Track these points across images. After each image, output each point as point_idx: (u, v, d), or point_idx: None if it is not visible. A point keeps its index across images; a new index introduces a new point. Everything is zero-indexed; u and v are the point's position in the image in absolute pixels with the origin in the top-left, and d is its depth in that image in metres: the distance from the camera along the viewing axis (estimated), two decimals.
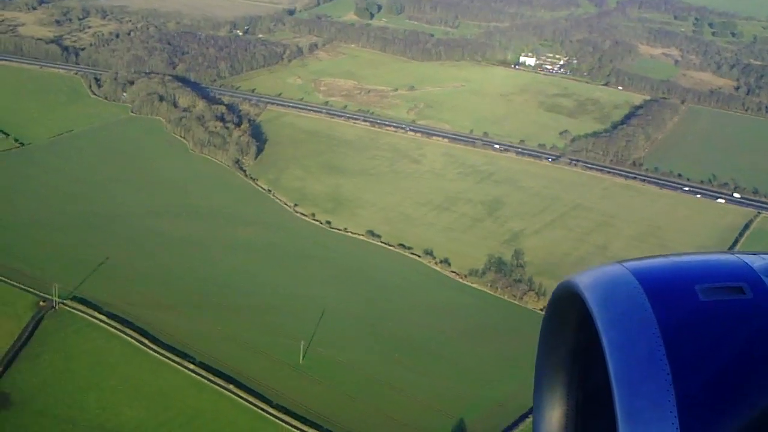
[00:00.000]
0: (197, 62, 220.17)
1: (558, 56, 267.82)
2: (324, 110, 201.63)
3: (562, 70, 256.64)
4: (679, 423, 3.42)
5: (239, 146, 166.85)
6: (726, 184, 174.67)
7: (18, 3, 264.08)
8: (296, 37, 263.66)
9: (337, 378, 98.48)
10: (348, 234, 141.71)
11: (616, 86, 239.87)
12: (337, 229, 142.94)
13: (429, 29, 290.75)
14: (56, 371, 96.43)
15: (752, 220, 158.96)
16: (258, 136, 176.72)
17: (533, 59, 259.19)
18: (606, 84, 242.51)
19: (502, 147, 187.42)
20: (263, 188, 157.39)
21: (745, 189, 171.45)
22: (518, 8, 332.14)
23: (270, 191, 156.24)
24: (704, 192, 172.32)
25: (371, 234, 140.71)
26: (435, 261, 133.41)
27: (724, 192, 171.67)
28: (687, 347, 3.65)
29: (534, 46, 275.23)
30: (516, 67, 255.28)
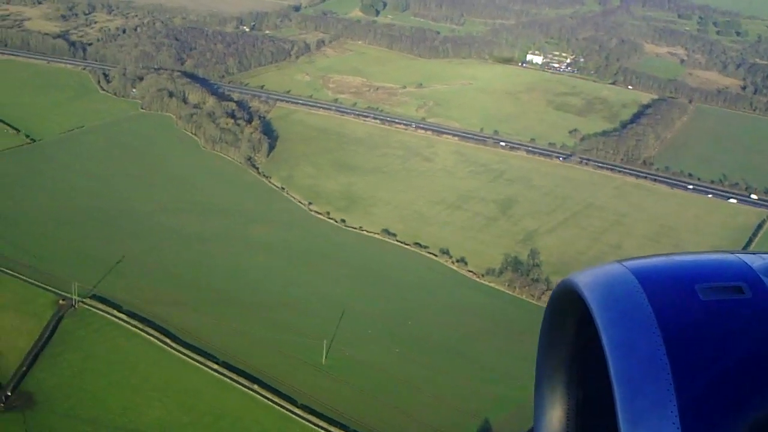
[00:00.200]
0: (205, 58, 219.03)
1: (564, 54, 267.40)
2: (333, 107, 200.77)
3: (569, 69, 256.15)
4: (681, 422, 3.44)
5: (251, 143, 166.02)
6: (737, 184, 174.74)
7: None
8: (302, 34, 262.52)
9: (361, 378, 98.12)
10: (363, 232, 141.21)
11: (625, 85, 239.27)
12: (352, 228, 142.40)
13: (435, 26, 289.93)
14: (78, 371, 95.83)
15: (765, 220, 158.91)
16: (269, 133, 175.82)
17: (540, 57, 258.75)
18: (613, 83, 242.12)
19: (508, 145, 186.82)
20: (276, 186, 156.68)
21: (756, 189, 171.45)
22: (523, 5, 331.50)
23: (283, 189, 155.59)
24: (715, 192, 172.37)
25: (386, 232, 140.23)
26: (451, 260, 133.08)
27: (735, 192, 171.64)
28: (687, 347, 3.66)
29: (540, 44, 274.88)
30: (523, 65, 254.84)
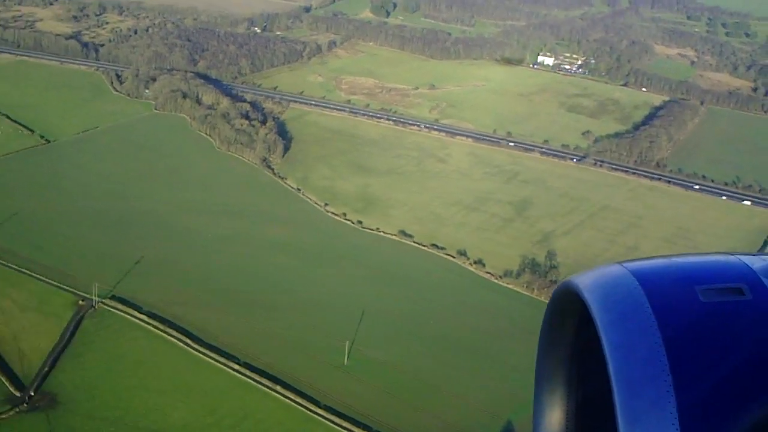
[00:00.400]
0: (218, 59, 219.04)
1: (576, 56, 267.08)
2: (347, 109, 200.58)
3: (581, 70, 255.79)
4: (680, 424, 3.45)
5: (266, 144, 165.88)
6: (750, 186, 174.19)
7: None
8: (313, 35, 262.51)
9: (383, 378, 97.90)
10: (380, 234, 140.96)
11: (637, 87, 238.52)
12: (369, 229, 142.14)
13: (445, 27, 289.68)
14: (100, 371, 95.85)
15: None
16: (283, 135, 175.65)
17: (551, 59, 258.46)
18: (625, 84, 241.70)
19: (521, 146, 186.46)
20: (292, 187, 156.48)
21: None
22: (532, 7, 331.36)
23: (299, 190, 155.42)
24: (730, 194, 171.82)
25: (403, 234, 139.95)
26: (469, 261, 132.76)
27: (750, 194, 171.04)
28: (687, 348, 3.65)
29: (551, 46, 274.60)
30: (534, 67, 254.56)
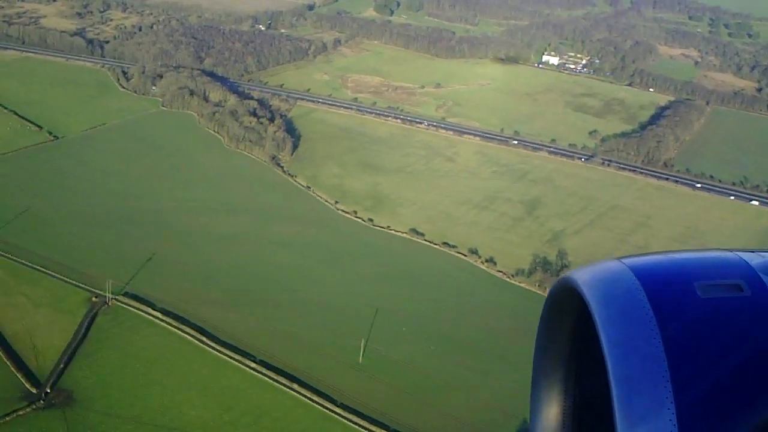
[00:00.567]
0: (224, 57, 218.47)
1: (580, 55, 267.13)
2: (353, 107, 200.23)
3: (585, 70, 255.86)
4: (678, 420, 3.44)
5: (275, 142, 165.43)
6: (757, 186, 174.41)
7: None
8: (318, 33, 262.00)
9: (398, 377, 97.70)
10: (391, 232, 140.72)
11: (645, 87, 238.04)
12: (380, 227, 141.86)
13: (449, 26, 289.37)
14: (115, 369, 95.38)
15: None
16: (291, 132, 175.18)
17: (556, 58, 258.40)
18: (630, 84, 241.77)
19: (529, 145, 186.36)
20: (302, 185, 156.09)
21: None
22: (535, 6, 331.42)
23: (309, 188, 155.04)
24: (737, 194, 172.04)
25: (414, 232, 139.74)
26: (481, 260, 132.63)
27: (757, 194, 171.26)
28: (686, 344, 3.65)
29: (555, 45, 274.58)
30: (539, 66, 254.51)
